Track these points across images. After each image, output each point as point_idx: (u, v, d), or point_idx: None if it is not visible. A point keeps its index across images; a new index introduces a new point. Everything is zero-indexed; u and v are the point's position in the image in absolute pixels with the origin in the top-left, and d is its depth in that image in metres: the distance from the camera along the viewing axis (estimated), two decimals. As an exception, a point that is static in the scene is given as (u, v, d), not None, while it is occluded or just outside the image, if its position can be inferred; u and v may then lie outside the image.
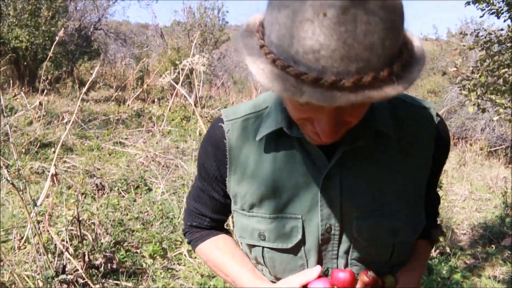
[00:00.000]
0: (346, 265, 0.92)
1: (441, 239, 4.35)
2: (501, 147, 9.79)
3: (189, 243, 1.12)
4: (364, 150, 0.86)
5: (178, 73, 5.04)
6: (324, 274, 0.92)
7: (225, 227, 1.13)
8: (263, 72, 0.65)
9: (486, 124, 10.48)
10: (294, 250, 0.91)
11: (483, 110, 3.00)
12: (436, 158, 0.93)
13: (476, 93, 2.81)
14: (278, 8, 0.64)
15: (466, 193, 6.80)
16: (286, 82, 0.63)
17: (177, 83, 5.19)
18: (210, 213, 1.04)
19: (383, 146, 0.88)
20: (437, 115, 0.93)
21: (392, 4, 0.63)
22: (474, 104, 2.94)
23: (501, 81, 2.97)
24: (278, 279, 0.95)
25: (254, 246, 0.94)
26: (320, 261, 0.92)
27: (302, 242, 0.90)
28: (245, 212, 0.94)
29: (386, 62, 0.64)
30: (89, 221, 3.63)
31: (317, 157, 0.88)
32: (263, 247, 0.93)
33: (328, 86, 0.61)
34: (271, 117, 0.90)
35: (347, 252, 0.91)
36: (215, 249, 1.04)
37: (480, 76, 2.81)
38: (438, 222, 1.14)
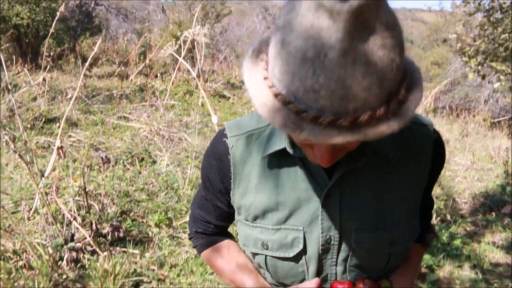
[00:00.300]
0: (344, 271, 0.96)
1: (442, 207, 4.41)
2: (504, 118, 9.77)
3: (194, 247, 1.16)
4: (364, 168, 0.89)
5: (180, 46, 5.04)
6: (323, 279, 0.97)
7: (228, 231, 1.17)
8: (265, 105, 0.67)
9: (489, 96, 10.44)
10: (296, 259, 0.95)
11: (483, 77, 3.01)
12: (432, 171, 0.96)
13: (476, 59, 2.81)
14: (282, 44, 0.64)
15: (468, 163, 6.83)
16: (287, 118, 0.65)
17: (179, 56, 5.20)
18: (214, 220, 1.07)
19: (382, 164, 0.90)
20: (434, 131, 0.95)
21: (392, 42, 0.63)
22: (474, 71, 2.95)
23: (502, 48, 2.97)
24: (280, 283, 1.01)
25: (257, 254, 0.98)
26: (320, 268, 0.97)
27: (303, 251, 0.94)
28: (248, 222, 0.97)
29: (383, 100, 0.65)
30: (95, 192, 3.70)
31: (318, 175, 0.91)
32: (266, 255, 0.97)
33: (326, 125, 0.64)
34: (275, 136, 0.92)
35: (345, 260, 0.96)
36: (219, 257, 1.08)
37: (480, 43, 2.81)
38: (431, 225, 1.18)
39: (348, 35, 0.59)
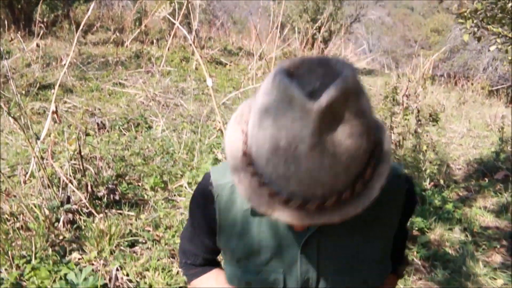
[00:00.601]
0: None
1: (435, 172, 4.45)
2: (502, 86, 9.74)
3: (184, 275, 1.22)
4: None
5: (174, 9, 4.96)
6: None
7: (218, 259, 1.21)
8: (242, 183, 0.73)
9: (488, 64, 10.37)
10: None
11: (479, 39, 2.99)
12: (403, 217, 1.02)
13: (472, 20, 2.78)
14: (259, 126, 0.69)
15: (464, 131, 6.86)
16: (261, 198, 0.71)
17: (174, 21, 5.12)
18: (202, 253, 1.12)
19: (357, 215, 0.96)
20: (407, 180, 0.99)
21: (360, 129, 0.67)
22: (470, 33, 2.92)
23: (498, 10, 2.93)
24: None
25: None
26: None
27: None
28: (233, 263, 1.02)
29: (349, 183, 0.69)
30: (90, 155, 3.72)
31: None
32: None
33: (296, 208, 0.69)
34: None
35: None
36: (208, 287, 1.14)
37: (477, 4, 2.77)
38: (404, 255, 1.23)
39: (317, 131, 0.63)
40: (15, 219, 3.20)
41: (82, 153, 3.56)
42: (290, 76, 0.67)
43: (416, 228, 3.69)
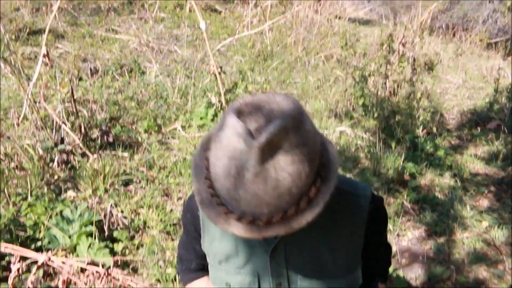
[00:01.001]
0: None
1: (428, 119, 4.48)
2: (501, 38, 9.61)
3: (181, 281, 1.35)
4: (305, 229, 0.94)
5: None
6: None
7: None
8: (203, 201, 0.85)
9: (488, 16, 10.18)
10: None
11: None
12: (370, 234, 1.07)
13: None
14: (215, 157, 0.80)
15: (460, 82, 6.83)
16: (218, 215, 0.82)
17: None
18: (195, 259, 1.24)
19: (320, 223, 0.97)
20: (373, 200, 1.06)
21: (300, 157, 0.77)
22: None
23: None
24: None
25: None
26: None
27: None
28: (215, 265, 1.13)
29: (294, 202, 0.80)
30: (83, 98, 3.70)
31: None
32: None
33: (247, 224, 0.80)
34: None
35: None
36: None
37: None
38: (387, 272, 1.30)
39: (259, 162, 0.74)
40: (10, 159, 3.22)
41: (75, 96, 3.55)
42: (240, 115, 0.79)
43: (407, 173, 3.74)
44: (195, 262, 1.25)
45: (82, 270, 2.46)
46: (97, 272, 2.47)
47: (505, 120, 4.97)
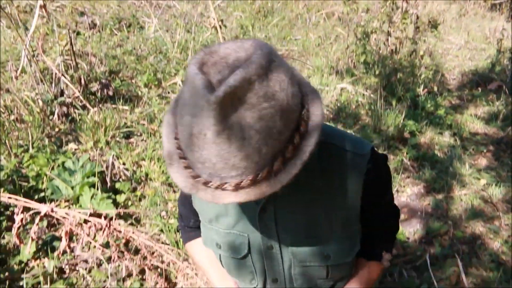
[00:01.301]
0: (291, 279, 1.05)
1: (430, 77, 4.45)
2: (506, 0, 9.43)
3: (181, 238, 1.34)
4: (296, 187, 0.88)
5: None
6: (274, 281, 1.06)
7: None
8: (171, 164, 0.76)
9: (494, -25, 9.94)
10: (244, 260, 1.05)
11: None
12: (368, 196, 0.97)
13: None
14: (180, 116, 0.73)
15: (462, 43, 6.75)
16: (186, 180, 0.74)
17: None
18: (193, 216, 1.17)
19: (312, 184, 0.94)
20: (372, 159, 0.95)
21: (270, 111, 0.67)
22: None
23: None
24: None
25: (214, 252, 1.10)
26: (270, 271, 1.05)
27: (249, 254, 1.04)
28: (206, 224, 1.08)
29: (266, 163, 0.70)
30: (82, 50, 3.64)
31: None
32: (220, 254, 1.08)
33: (215, 188, 0.72)
34: None
35: (289, 268, 1.03)
36: (196, 251, 1.24)
37: None
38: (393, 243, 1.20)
39: (220, 119, 0.65)
40: (10, 112, 3.20)
41: (74, 50, 3.48)
42: (202, 67, 0.70)
43: (408, 131, 3.75)
44: (193, 219, 1.21)
45: (86, 222, 2.49)
46: (99, 223, 2.51)
47: (507, 81, 4.95)
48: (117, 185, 2.67)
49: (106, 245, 2.31)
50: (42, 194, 2.63)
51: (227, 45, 0.73)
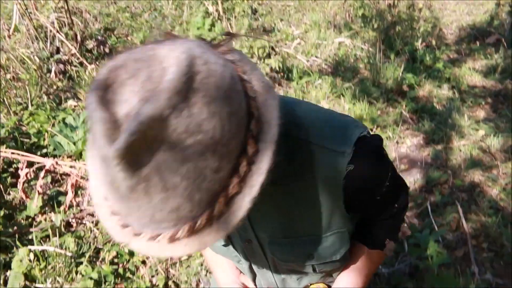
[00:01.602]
0: (278, 272, 1.00)
1: (429, 31, 4.41)
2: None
3: None
4: (265, 191, 0.64)
5: None
6: (259, 267, 1.01)
7: None
8: (96, 200, 0.63)
9: None
10: (228, 247, 0.98)
11: None
12: (355, 202, 0.82)
13: None
14: (92, 153, 0.60)
15: (460, -3, 6.66)
16: (115, 228, 0.61)
17: None
18: None
19: (285, 186, 0.81)
20: (355, 156, 0.76)
21: (198, 149, 0.51)
22: None
23: None
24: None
25: None
26: (254, 260, 0.99)
27: (230, 244, 0.97)
28: None
29: (203, 207, 0.56)
30: (75, 7, 3.56)
31: None
32: None
33: (148, 240, 0.59)
34: None
35: (274, 264, 0.96)
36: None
37: None
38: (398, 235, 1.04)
39: (129, 173, 0.50)
40: (6, 70, 3.15)
41: (68, 7, 3.41)
42: (104, 94, 0.51)
43: (406, 84, 3.75)
44: None
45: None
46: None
47: (505, 35, 4.92)
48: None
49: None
50: (44, 151, 2.63)
51: (137, 55, 0.53)
